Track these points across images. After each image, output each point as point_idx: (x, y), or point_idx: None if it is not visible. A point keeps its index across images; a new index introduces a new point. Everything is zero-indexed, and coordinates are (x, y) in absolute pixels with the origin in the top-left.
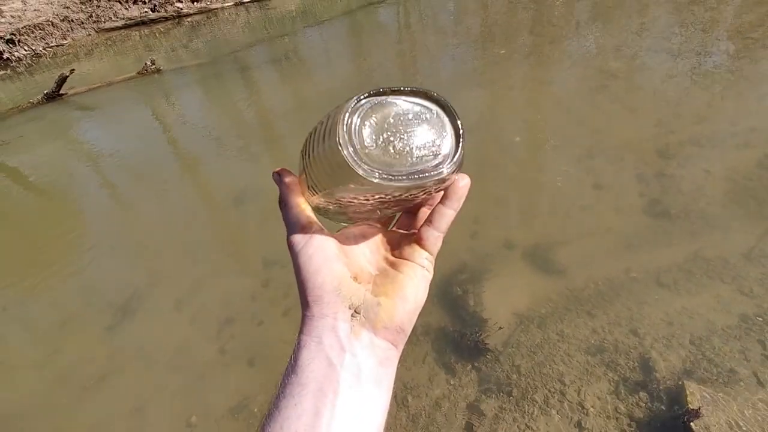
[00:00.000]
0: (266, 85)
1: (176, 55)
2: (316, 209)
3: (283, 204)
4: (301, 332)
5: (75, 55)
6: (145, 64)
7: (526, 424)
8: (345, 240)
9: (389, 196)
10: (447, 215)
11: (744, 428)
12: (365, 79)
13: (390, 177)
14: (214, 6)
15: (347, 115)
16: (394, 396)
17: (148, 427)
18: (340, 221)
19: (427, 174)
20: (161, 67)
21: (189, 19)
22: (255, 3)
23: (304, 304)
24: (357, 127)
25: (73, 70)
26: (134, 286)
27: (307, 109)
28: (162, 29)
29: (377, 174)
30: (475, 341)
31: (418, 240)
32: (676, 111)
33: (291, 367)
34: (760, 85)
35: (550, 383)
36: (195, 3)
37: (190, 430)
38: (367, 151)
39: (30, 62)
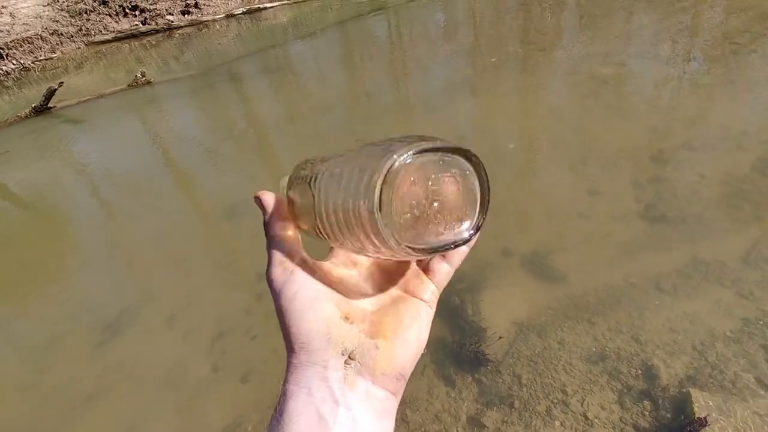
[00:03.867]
0: (258, 96)
1: (167, 68)
2: (305, 233)
3: (266, 232)
4: (286, 381)
5: (64, 69)
6: (136, 76)
7: None
8: (334, 269)
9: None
10: (462, 251)
11: None
12: (357, 90)
13: (417, 248)
14: (205, 18)
15: (384, 178)
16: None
17: None
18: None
19: (451, 245)
20: (152, 80)
21: (180, 32)
22: (247, 15)
23: (289, 349)
24: (392, 194)
25: (62, 83)
26: (125, 303)
27: (299, 119)
28: (153, 42)
29: (404, 246)
30: (475, 352)
31: (426, 270)
32: (668, 116)
33: (277, 419)
34: (749, 89)
35: (553, 393)
36: (186, 15)
37: None
38: (401, 220)
39: (18, 76)
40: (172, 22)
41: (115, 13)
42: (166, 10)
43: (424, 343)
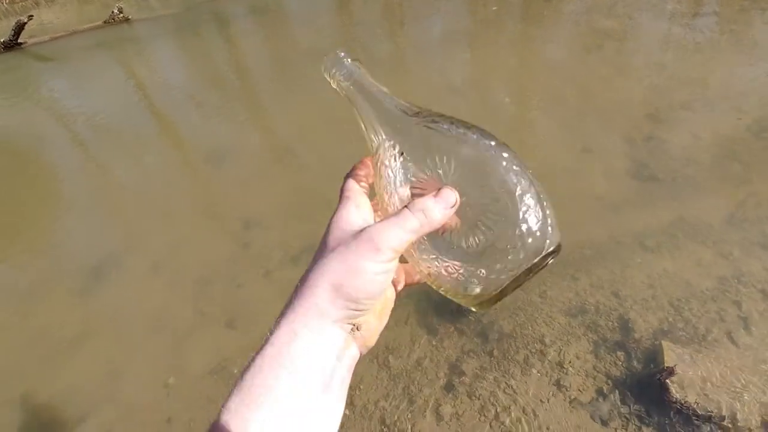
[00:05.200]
0: (244, 38)
1: (146, 4)
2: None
3: (342, 188)
4: (302, 320)
5: (35, 2)
6: (113, 12)
7: (506, 383)
8: None
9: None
10: None
11: (716, 384)
12: (350, 36)
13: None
14: None
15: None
16: (376, 357)
17: (125, 388)
18: None
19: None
20: (130, 17)
21: None
22: None
23: (334, 290)
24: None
25: (32, 16)
26: (107, 249)
27: (287, 65)
28: None
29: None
30: (458, 303)
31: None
32: (668, 74)
33: (285, 355)
34: (753, 50)
35: (531, 344)
36: None
37: (168, 391)
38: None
39: None
40: None
41: None
42: None
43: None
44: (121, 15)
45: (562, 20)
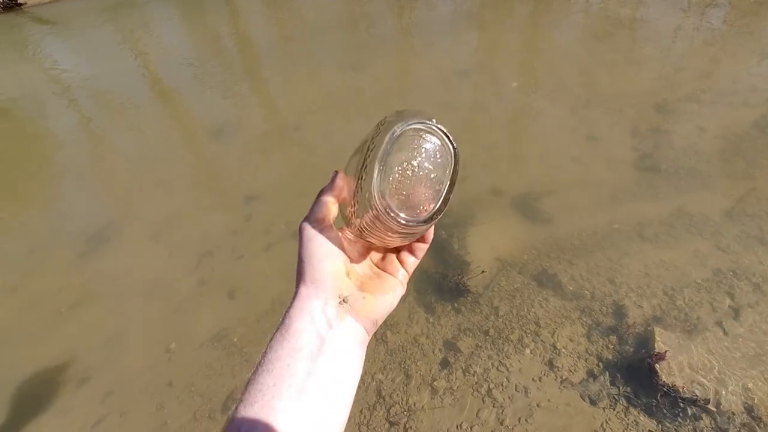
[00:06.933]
0: (248, 10)
1: None
2: (345, 217)
3: (318, 196)
4: (292, 306)
5: None
6: None
7: (500, 361)
8: (345, 239)
9: (403, 233)
10: (422, 249)
11: (703, 370)
12: (356, 12)
13: (412, 222)
14: None
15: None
16: (374, 333)
17: (126, 352)
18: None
19: (424, 225)
20: None
21: None
22: None
23: (303, 281)
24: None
25: None
26: (107, 217)
27: (291, 40)
28: None
29: (404, 220)
30: (457, 283)
31: (400, 260)
32: (678, 65)
33: (282, 334)
34: (765, 44)
35: (526, 325)
36: None
37: (169, 356)
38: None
39: None
40: None
41: None
42: None
43: (393, 307)
44: None
45: (575, 5)
